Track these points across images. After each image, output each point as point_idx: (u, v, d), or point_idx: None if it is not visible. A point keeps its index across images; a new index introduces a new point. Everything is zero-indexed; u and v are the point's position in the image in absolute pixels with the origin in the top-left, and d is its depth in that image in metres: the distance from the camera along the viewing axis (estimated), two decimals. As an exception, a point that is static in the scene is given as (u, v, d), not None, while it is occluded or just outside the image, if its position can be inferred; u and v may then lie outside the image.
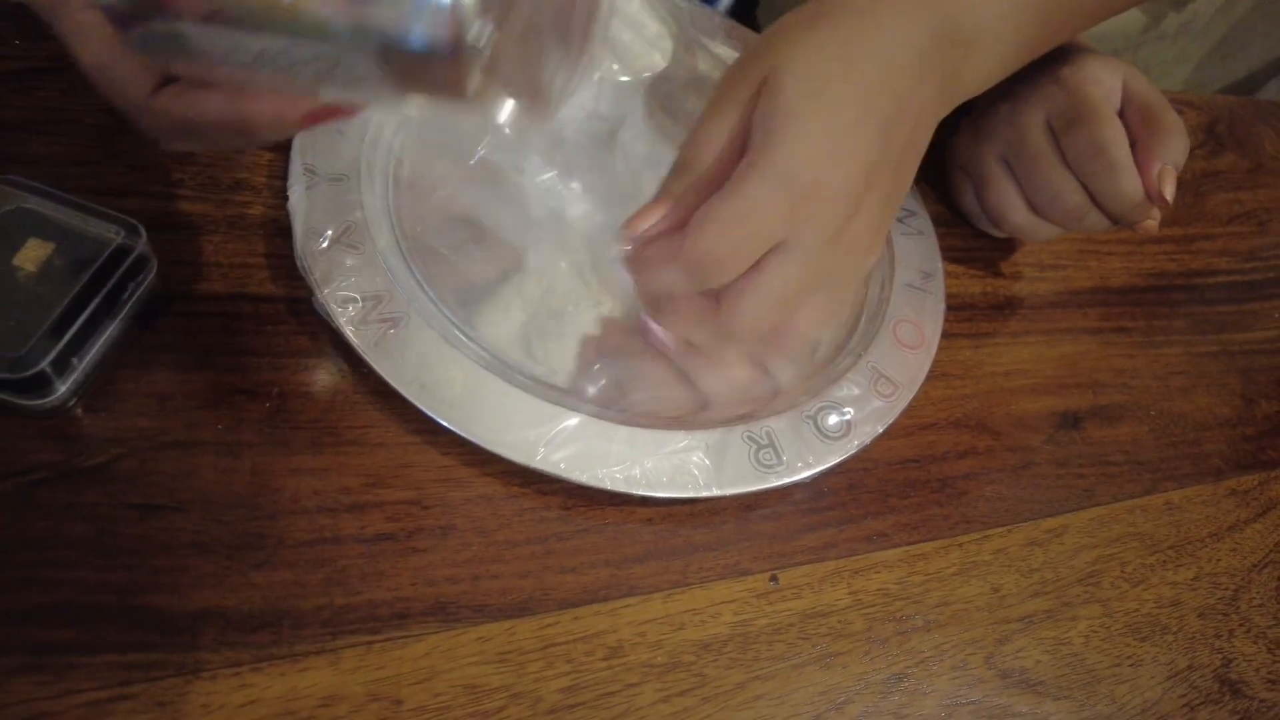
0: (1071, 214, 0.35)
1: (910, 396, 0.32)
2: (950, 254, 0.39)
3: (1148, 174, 0.34)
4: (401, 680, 0.23)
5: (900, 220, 0.37)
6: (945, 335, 0.36)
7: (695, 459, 0.28)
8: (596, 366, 0.29)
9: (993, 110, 0.37)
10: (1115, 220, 0.35)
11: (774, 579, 0.28)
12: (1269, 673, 0.33)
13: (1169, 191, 0.33)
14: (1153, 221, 0.35)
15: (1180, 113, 0.39)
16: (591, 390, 0.29)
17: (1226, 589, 0.34)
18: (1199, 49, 0.64)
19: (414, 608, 0.24)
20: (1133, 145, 0.34)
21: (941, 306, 0.35)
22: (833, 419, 0.30)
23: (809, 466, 0.29)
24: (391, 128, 0.32)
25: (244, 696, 0.22)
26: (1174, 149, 0.34)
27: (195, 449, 0.24)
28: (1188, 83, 0.64)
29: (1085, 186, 0.34)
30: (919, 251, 0.36)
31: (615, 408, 0.28)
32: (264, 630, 0.23)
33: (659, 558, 0.27)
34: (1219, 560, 0.35)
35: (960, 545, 0.31)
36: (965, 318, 0.37)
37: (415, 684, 0.23)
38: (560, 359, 0.30)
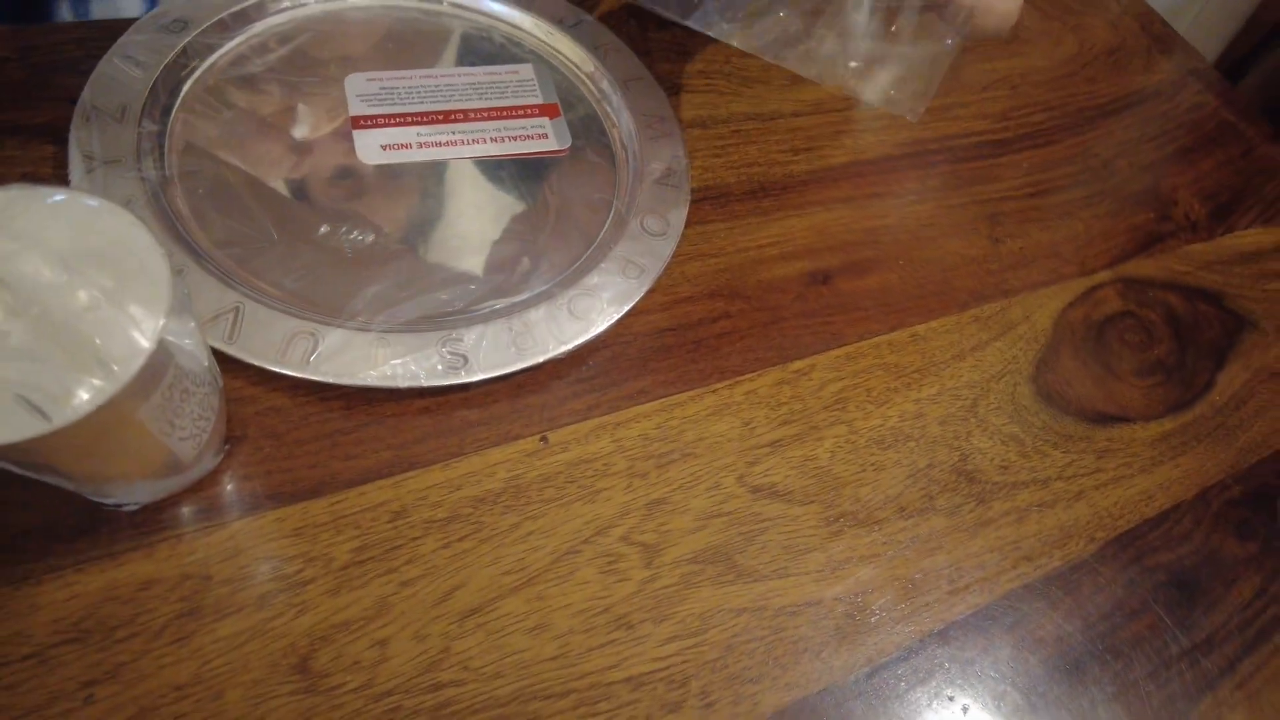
0: None
1: (655, 277, 0.37)
2: (706, 150, 0.44)
3: None
4: (209, 561, 0.28)
5: (648, 125, 0.41)
6: (701, 222, 0.41)
7: (459, 353, 0.32)
8: (370, 289, 0.34)
9: None
10: None
11: (544, 439, 0.33)
12: (1001, 461, 0.39)
13: None
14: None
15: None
16: (358, 307, 0.33)
17: (966, 399, 0.40)
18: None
19: (216, 503, 0.29)
20: None
21: (686, 198, 0.40)
22: (584, 302, 0.35)
23: (561, 344, 0.34)
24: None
25: (68, 593, 0.26)
26: None
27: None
28: None
29: None
30: (665, 152, 0.41)
31: (379, 319, 0.33)
32: (83, 538, 0.27)
33: (437, 437, 0.32)
34: (960, 376, 0.41)
35: (714, 392, 0.36)
36: (721, 204, 0.42)
37: (222, 561, 0.28)
38: (329, 288, 0.34)
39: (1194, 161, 0.57)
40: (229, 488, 0.29)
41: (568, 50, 0.44)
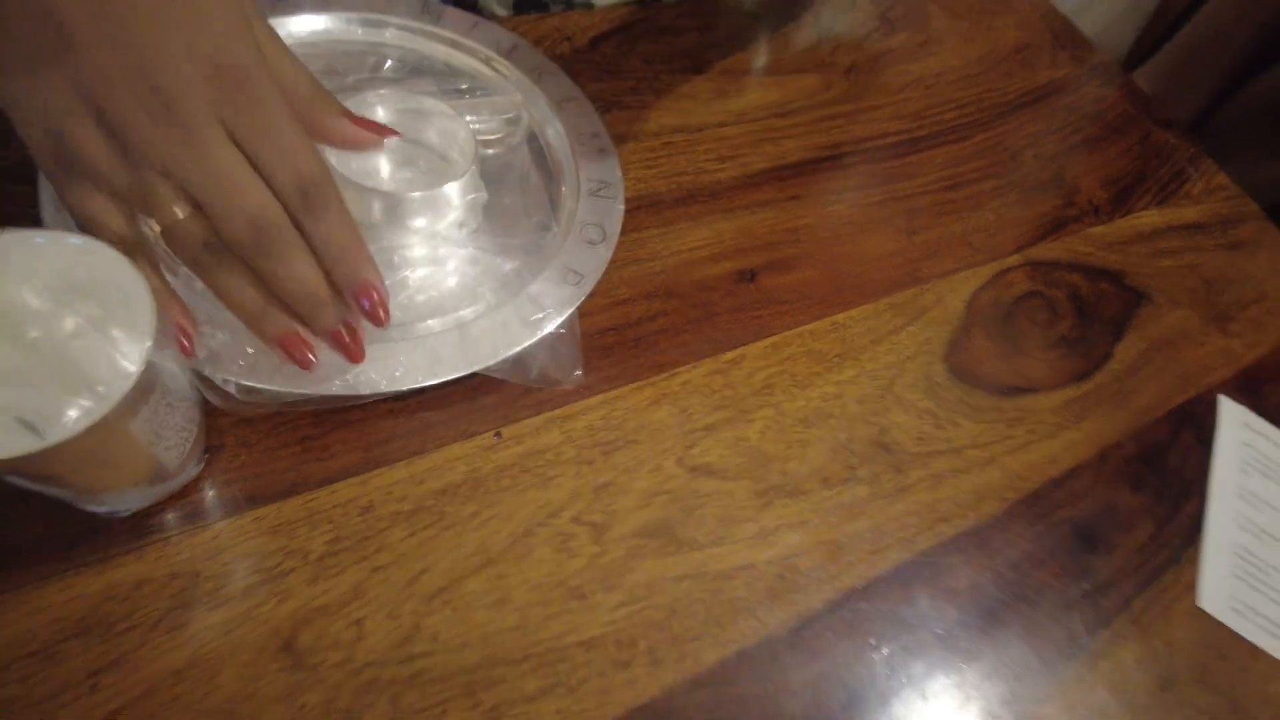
0: None
1: (594, 282, 0.40)
2: (639, 162, 0.47)
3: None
4: (196, 559, 0.31)
5: (583, 142, 0.45)
6: (636, 229, 0.44)
7: (416, 361, 0.35)
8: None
9: None
10: None
11: (498, 434, 0.36)
12: (917, 433, 0.43)
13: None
14: None
15: (854, 4, 0.45)
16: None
17: (884, 379, 0.44)
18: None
19: (199, 508, 0.32)
20: None
21: (620, 208, 0.43)
22: (529, 309, 0.38)
23: (510, 348, 0.37)
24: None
25: (68, 595, 0.29)
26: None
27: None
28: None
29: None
30: (600, 166, 0.44)
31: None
32: (80, 545, 0.30)
33: (401, 438, 0.35)
34: (878, 359, 0.45)
35: (653, 384, 0.40)
36: (655, 212, 0.46)
37: (208, 559, 0.31)
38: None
39: (1096, 150, 0.62)
40: (210, 493, 0.32)
41: (505, 74, 0.47)
